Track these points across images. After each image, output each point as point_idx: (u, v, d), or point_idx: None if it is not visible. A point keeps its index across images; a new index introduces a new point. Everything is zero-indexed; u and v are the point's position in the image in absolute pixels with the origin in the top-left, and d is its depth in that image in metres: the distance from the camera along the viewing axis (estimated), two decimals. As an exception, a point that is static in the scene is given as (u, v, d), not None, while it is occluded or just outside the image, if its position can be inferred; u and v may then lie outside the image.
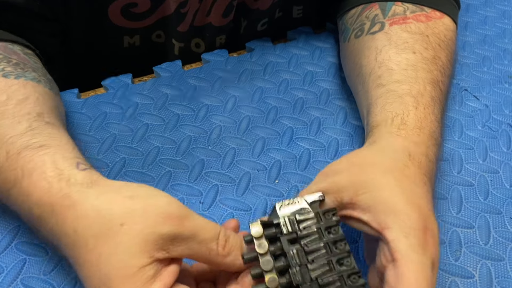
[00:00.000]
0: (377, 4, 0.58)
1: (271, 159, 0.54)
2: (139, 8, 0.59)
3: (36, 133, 0.41)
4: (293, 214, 0.38)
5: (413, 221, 0.37)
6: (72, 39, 0.62)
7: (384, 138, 0.44)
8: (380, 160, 0.41)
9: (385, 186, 0.39)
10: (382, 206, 0.38)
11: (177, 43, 0.65)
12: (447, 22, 0.57)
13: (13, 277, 0.43)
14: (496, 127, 0.58)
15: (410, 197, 0.39)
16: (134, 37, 0.63)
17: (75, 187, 0.37)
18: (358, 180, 0.40)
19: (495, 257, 0.46)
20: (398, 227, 0.36)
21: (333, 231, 0.37)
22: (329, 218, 0.38)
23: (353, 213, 0.39)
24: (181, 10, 0.61)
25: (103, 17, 0.59)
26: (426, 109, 0.47)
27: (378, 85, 0.50)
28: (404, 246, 0.35)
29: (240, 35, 0.68)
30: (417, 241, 0.36)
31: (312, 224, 0.38)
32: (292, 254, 0.36)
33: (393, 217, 0.37)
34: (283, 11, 0.69)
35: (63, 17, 0.58)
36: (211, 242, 0.37)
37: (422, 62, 0.51)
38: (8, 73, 0.46)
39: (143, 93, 0.60)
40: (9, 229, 0.46)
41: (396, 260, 0.35)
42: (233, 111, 0.58)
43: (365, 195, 0.39)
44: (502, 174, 0.53)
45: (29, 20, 0.53)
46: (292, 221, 0.38)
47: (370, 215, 0.38)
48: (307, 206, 0.39)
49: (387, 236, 0.36)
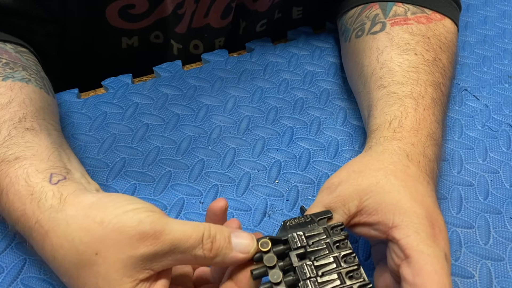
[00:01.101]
0: (377, 4, 0.58)
1: (271, 159, 0.54)
2: (136, 9, 0.59)
3: (13, 143, 0.41)
4: (301, 230, 0.38)
5: (421, 217, 0.37)
6: (70, 40, 0.62)
7: (379, 143, 0.44)
8: (380, 164, 0.41)
9: (389, 187, 0.39)
10: (388, 206, 0.38)
11: (176, 44, 0.65)
12: (447, 24, 0.57)
13: (13, 277, 0.43)
14: (496, 127, 0.58)
15: (415, 195, 0.39)
16: (132, 38, 0.63)
17: (46, 213, 0.37)
18: (361, 187, 0.39)
19: (495, 257, 0.46)
20: (406, 225, 0.36)
21: (341, 245, 0.37)
22: (337, 233, 0.38)
23: (360, 219, 0.39)
24: (178, 11, 0.61)
25: (101, 18, 0.59)
26: (426, 111, 0.47)
27: (379, 86, 0.50)
28: (415, 241, 0.35)
29: (239, 36, 0.68)
30: (427, 236, 0.36)
31: (321, 239, 0.37)
32: (302, 268, 0.36)
33: (400, 215, 0.37)
34: (283, 12, 0.69)
35: (61, 19, 0.58)
36: (195, 249, 0.35)
37: (424, 64, 0.51)
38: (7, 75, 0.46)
39: (143, 93, 0.60)
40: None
41: (409, 256, 0.35)
42: (233, 111, 0.58)
43: (371, 199, 0.39)
44: (502, 174, 0.53)
45: (26, 21, 0.53)
46: (300, 237, 0.37)
47: (376, 217, 0.38)
48: (315, 222, 0.39)
49: (396, 235, 0.36)
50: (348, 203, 0.39)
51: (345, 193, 0.40)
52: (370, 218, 0.38)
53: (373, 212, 0.38)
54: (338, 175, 0.42)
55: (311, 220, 0.39)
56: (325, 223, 0.39)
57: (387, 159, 0.42)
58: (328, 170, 0.53)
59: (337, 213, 0.39)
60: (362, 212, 0.39)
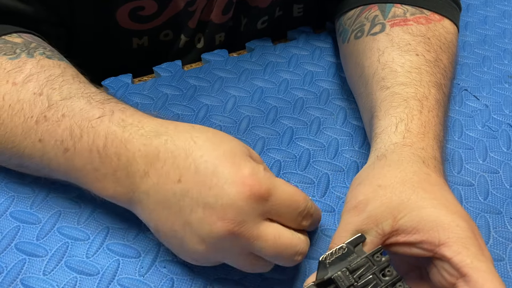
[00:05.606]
0: (376, 5, 0.58)
1: (271, 159, 0.54)
2: (146, 11, 0.59)
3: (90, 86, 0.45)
4: (343, 265, 0.37)
5: (465, 230, 0.36)
6: (80, 42, 0.62)
7: (392, 150, 0.43)
8: (403, 175, 0.40)
9: (422, 202, 0.38)
10: (429, 224, 0.36)
11: (184, 38, 0.65)
12: (446, 25, 0.57)
13: (13, 277, 0.43)
14: (496, 127, 0.58)
15: (447, 205, 0.38)
16: (142, 38, 0.63)
17: None
18: (392, 205, 0.38)
19: (495, 257, 0.46)
20: (454, 241, 0.35)
21: (387, 273, 0.36)
22: (379, 260, 0.37)
23: (399, 239, 0.38)
24: (189, 9, 0.61)
25: (111, 21, 0.59)
26: (430, 112, 0.46)
27: (382, 87, 0.50)
28: (468, 258, 0.35)
29: (240, 33, 0.68)
30: (476, 249, 0.35)
31: (366, 270, 0.37)
32: None
33: (445, 231, 0.36)
34: (284, 9, 0.69)
35: (70, 23, 0.58)
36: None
37: (425, 65, 0.51)
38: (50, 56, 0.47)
39: (143, 93, 0.60)
40: (9, 229, 0.46)
41: (467, 275, 0.34)
42: (233, 111, 0.58)
43: (406, 217, 0.37)
44: (502, 174, 0.53)
45: (35, 24, 0.53)
46: (345, 273, 0.36)
47: (418, 236, 0.37)
48: (353, 252, 0.37)
49: (447, 253, 0.35)
50: (381, 223, 0.38)
51: (377, 212, 0.38)
52: (411, 237, 0.37)
53: (412, 230, 0.37)
54: (363, 191, 0.40)
55: (348, 250, 0.37)
56: (362, 250, 0.37)
57: (408, 168, 0.41)
58: (328, 170, 0.53)
59: (370, 235, 0.38)
60: (399, 232, 0.37)
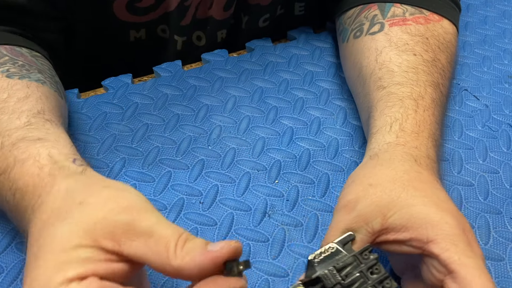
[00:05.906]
0: (376, 4, 0.58)
1: (271, 159, 0.54)
2: (143, 3, 0.59)
3: (34, 128, 0.41)
4: (331, 264, 0.37)
5: (453, 227, 0.36)
6: (78, 35, 0.62)
7: (384, 150, 0.44)
8: (394, 173, 0.40)
9: (411, 200, 0.38)
10: (418, 221, 0.37)
11: (180, 38, 0.65)
12: (445, 25, 0.57)
13: (13, 277, 0.43)
14: (496, 127, 0.58)
15: (438, 203, 0.38)
16: (140, 31, 0.63)
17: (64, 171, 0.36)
18: (382, 203, 0.38)
19: (495, 257, 0.46)
20: (442, 238, 0.36)
21: (375, 271, 0.37)
22: (367, 257, 0.37)
23: (388, 237, 0.38)
24: (185, 4, 0.61)
25: (108, 13, 0.59)
26: (426, 111, 0.47)
27: (379, 87, 0.50)
28: (456, 255, 0.35)
29: (241, 31, 0.68)
30: (465, 245, 0.35)
31: (353, 269, 0.37)
32: None
33: (433, 229, 0.36)
34: (285, 7, 0.69)
35: (68, 16, 0.58)
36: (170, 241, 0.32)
37: (423, 65, 0.51)
38: (12, 74, 0.46)
39: (143, 93, 0.60)
40: (9, 229, 0.46)
41: (454, 271, 0.34)
42: (233, 111, 0.58)
43: (396, 215, 0.38)
44: (502, 174, 0.53)
45: (33, 18, 0.53)
46: (332, 273, 0.37)
47: (407, 234, 0.37)
48: (341, 251, 0.37)
49: (435, 250, 0.35)
50: (371, 222, 0.38)
51: (367, 211, 0.38)
52: (400, 235, 0.37)
53: (402, 228, 0.37)
54: (354, 190, 0.40)
55: (337, 250, 0.38)
56: (351, 249, 0.38)
57: (399, 167, 0.41)
58: (328, 170, 0.53)
59: (359, 233, 0.38)
60: (389, 230, 0.38)
